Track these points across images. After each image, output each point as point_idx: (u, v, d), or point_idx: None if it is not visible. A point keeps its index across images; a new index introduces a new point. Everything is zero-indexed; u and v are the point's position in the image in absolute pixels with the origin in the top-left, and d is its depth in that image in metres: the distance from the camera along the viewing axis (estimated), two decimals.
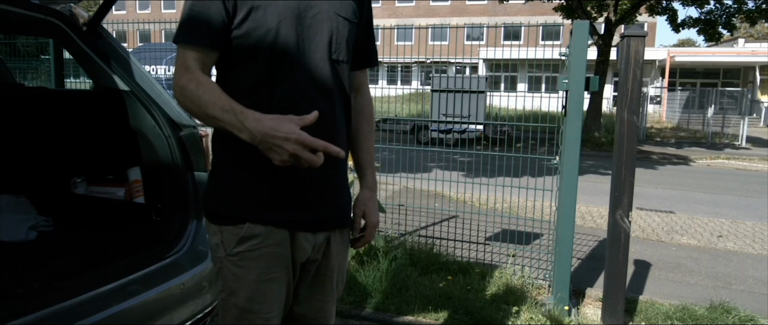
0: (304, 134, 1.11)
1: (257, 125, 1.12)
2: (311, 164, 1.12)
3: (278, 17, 1.25)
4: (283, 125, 1.11)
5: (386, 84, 10.35)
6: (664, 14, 17.61)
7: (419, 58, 21.89)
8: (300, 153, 1.10)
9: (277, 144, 1.10)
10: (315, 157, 1.11)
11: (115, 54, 2.00)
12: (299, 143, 1.10)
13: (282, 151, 1.11)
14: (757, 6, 16.10)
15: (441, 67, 25.15)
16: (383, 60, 17.12)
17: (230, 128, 1.16)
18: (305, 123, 1.13)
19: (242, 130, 1.13)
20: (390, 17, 36.00)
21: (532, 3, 19.09)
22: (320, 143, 1.12)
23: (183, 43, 1.24)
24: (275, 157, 1.12)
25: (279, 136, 1.10)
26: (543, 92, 4.11)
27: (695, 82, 26.42)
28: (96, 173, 2.39)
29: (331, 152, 1.14)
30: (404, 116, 5.49)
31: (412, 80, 20.45)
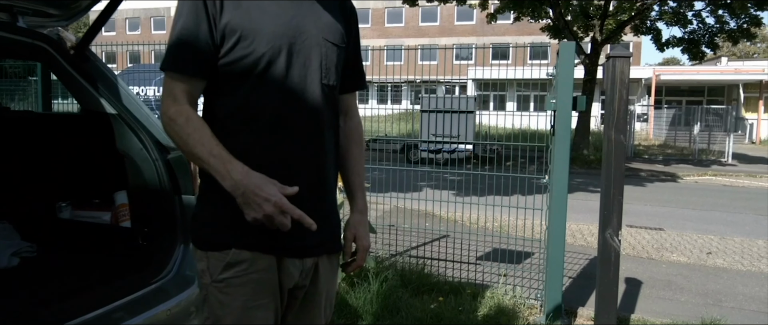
0: (284, 200, 1.15)
1: (243, 179, 1.15)
2: (280, 228, 1.16)
3: (267, 45, 1.25)
4: (267, 186, 1.15)
5: (376, 104, 10.37)
6: (648, 34, 17.94)
7: (409, 78, 22.07)
8: (275, 216, 1.15)
9: (257, 203, 1.14)
10: (286, 222, 1.16)
11: (102, 77, 1.99)
12: (278, 207, 1.14)
13: (258, 210, 1.15)
14: (738, 26, 16.47)
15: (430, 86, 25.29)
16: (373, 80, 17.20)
17: (213, 173, 1.18)
18: (288, 193, 1.17)
19: (226, 178, 1.16)
20: (380, 37, 36.34)
21: (519, 23, 19.36)
22: (296, 212, 1.17)
23: (170, 72, 1.24)
24: (249, 213, 1.16)
25: (261, 195, 1.14)
26: (532, 111, 4.14)
27: (681, 100, 26.81)
28: (82, 197, 2.36)
29: (305, 224, 1.19)
30: (394, 135, 5.51)
31: (402, 100, 20.56)
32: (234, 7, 1.25)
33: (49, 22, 1.95)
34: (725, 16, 16.56)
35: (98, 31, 1.96)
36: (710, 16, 16.93)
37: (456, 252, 4.42)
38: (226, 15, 1.24)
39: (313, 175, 1.33)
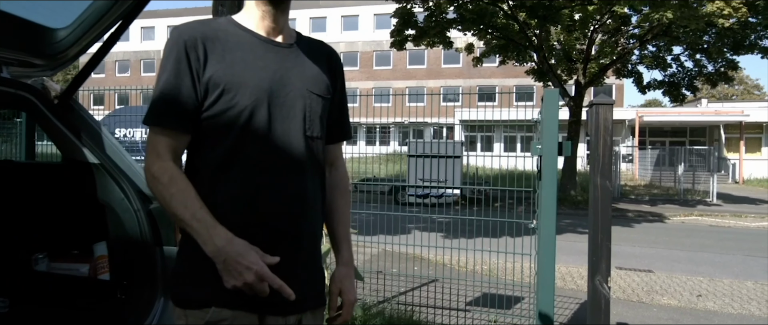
0: (265, 269, 1.14)
1: (226, 246, 1.14)
2: (259, 294, 1.16)
3: (250, 98, 1.25)
4: (250, 254, 1.14)
5: (365, 145, 10.43)
6: (630, 77, 18.42)
7: (396, 119, 22.29)
8: (255, 285, 1.14)
9: (238, 271, 1.13)
10: (265, 289, 1.15)
11: (85, 126, 1.97)
12: (258, 276, 1.13)
13: (239, 278, 1.14)
14: (715, 69, 16.98)
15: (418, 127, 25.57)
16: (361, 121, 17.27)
17: (196, 237, 1.17)
18: (269, 262, 1.16)
19: (208, 243, 1.15)
20: (368, 80, 36.89)
21: (505, 66, 19.79)
22: (277, 282, 1.16)
23: (154, 126, 1.24)
24: (229, 281, 1.15)
25: (243, 263, 1.13)
26: (518, 152, 4.17)
27: (664, 141, 27.30)
28: (60, 249, 2.29)
29: (284, 293, 1.18)
30: (382, 177, 5.49)
31: (390, 141, 20.70)
32: (218, 61, 1.25)
33: (33, 72, 1.94)
34: (703, 61, 17.10)
35: (83, 81, 1.96)
36: (689, 60, 17.47)
37: (445, 297, 4.34)
38: (209, 69, 1.24)
39: (296, 228, 1.31)
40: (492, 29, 15.69)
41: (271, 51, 1.31)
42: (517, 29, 15.40)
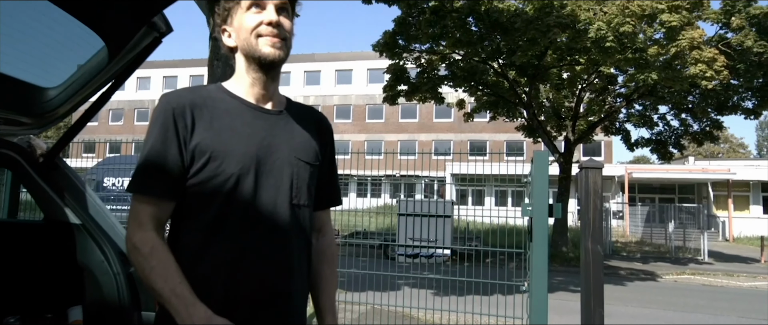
0: None
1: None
2: None
3: (237, 165, 1.23)
4: None
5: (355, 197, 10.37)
6: (618, 134, 18.74)
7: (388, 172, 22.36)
8: None
9: None
10: None
11: (69, 186, 1.94)
12: None
13: None
14: (701, 128, 17.35)
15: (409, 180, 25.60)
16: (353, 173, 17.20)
17: (173, 313, 1.13)
18: None
19: (185, 320, 1.11)
20: (360, 133, 37.25)
21: (496, 122, 20.10)
22: None
23: (137, 194, 1.21)
24: None
25: None
26: (509, 206, 4.15)
27: (653, 197, 27.47)
28: (33, 312, 2.20)
29: None
30: (373, 231, 5.42)
31: (381, 194, 20.62)
32: (205, 128, 1.24)
33: (20, 130, 1.93)
34: (688, 120, 17.50)
35: (70, 140, 1.94)
36: (675, 119, 17.88)
37: None
38: (196, 136, 1.23)
39: (280, 299, 1.27)
40: (482, 86, 16.05)
41: (259, 118, 1.31)
42: (507, 87, 15.75)
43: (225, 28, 1.32)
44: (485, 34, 13.43)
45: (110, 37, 1.76)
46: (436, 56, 15.07)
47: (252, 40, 1.27)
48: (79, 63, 1.90)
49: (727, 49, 13.40)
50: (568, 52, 13.57)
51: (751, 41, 12.94)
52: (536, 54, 13.27)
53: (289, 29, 1.29)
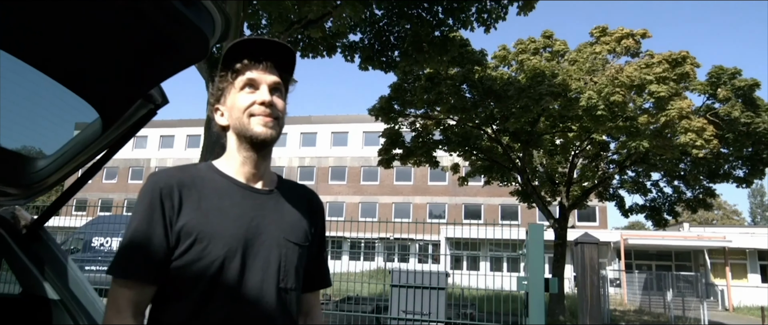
0: None
1: None
2: None
3: (223, 248, 1.20)
4: None
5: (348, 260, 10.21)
6: (612, 200, 18.78)
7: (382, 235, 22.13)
8: None
9: None
10: None
11: (51, 259, 1.88)
12: None
13: None
14: (694, 196, 17.44)
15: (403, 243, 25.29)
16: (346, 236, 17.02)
17: None
18: None
19: None
20: (355, 194, 37.21)
21: (490, 186, 20.17)
22: None
23: (117, 278, 1.16)
24: None
25: None
26: (505, 271, 4.06)
27: (650, 265, 27.18)
28: None
29: None
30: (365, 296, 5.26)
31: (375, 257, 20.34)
32: (192, 209, 1.22)
33: (6, 201, 1.89)
34: (681, 187, 17.62)
35: (55, 211, 1.90)
36: (667, 186, 18.00)
37: None
38: (183, 217, 1.20)
39: None
40: (477, 151, 16.21)
41: (249, 198, 1.29)
42: (501, 152, 15.92)
43: (218, 107, 1.33)
44: (479, 100, 13.72)
45: (105, 108, 1.76)
46: (430, 121, 15.32)
47: (244, 119, 1.27)
48: (71, 134, 1.90)
49: (716, 119, 13.71)
50: (560, 119, 13.83)
51: (738, 112, 13.27)
52: (529, 121, 13.52)
53: (281, 109, 1.30)
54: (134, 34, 1.45)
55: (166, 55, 1.53)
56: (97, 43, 1.44)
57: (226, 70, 1.30)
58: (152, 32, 1.40)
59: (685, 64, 13.10)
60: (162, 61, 1.57)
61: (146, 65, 1.58)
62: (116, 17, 1.35)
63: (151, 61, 1.56)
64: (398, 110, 14.88)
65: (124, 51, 1.52)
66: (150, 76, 1.64)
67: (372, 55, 10.50)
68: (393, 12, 10.08)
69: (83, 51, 1.46)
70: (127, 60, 1.57)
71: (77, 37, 1.36)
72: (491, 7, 9.57)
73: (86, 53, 1.48)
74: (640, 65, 12.98)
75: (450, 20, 9.87)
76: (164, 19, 1.33)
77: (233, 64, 1.29)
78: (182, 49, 1.46)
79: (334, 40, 10.39)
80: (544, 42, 14.99)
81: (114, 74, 1.62)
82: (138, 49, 1.53)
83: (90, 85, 1.65)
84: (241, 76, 1.27)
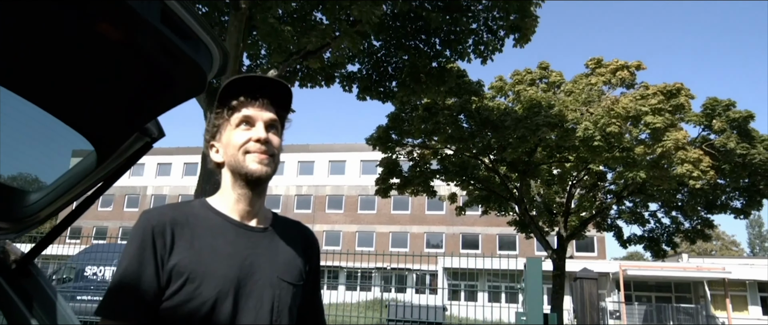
0: None
1: None
2: None
3: (215, 289, 1.17)
4: None
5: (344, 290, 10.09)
6: (610, 231, 18.71)
7: (378, 265, 21.91)
8: None
9: None
10: None
11: (40, 295, 1.83)
12: None
13: None
14: (692, 226, 17.39)
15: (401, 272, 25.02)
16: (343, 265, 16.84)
17: None
18: None
19: None
20: (352, 223, 37.01)
21: (488, 216, 20.09)
22: None
23: (106, 318, 1.13)
24: None
25: None
26: (503, 302, 3.99)
27: (650, 296, 26.91)
28: None
29: None
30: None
31: (371, 287, 20.07)
32: (185, 248, 1.19)
33: None
34: (679, 218, 17.58)
35: (46, 246, 1.86)
36: (665, 216, 17.96)
37: None
38: (175, 256, 1.18)
39: None
40: (474, 181, 16.21)
41: (242, 236, 1.27)
42: (499, 182, 15.92)
43: (213, 143, 1.32)
44: (476, 130, 13.79)
45: (100, 142, 1.75)
46: (428, 151, 15.36)
47: (239, 156, 1.25)
48: (65, 167, 1.88)
49: (712, 150, 13.78)
50: (557, 149, 13.88)
51: (733, 143, 13.35)
52: (526, 151, 13.57)
53: (277, 146, 1.29)
54: (130, 68, 1.45)
55: (163, 90, 1.52)
56: (92, 78, 1.44)
57: (222, 106, 1.29)
58: (149, 67, 1.40)
59: (679, 95, 13.24)
60: (159, 96, 1.56)
61: (143, 100, 1.58)
62: (112, 52, 1.35)
63: (148, 95, 1.55)
64: (396, 140, 14.93)
65: (120, 86, 1.52)
66: (146, 111, 1.63)
67: (370, 85, 10.59)
68: (391, 43, 10.21)
69: (78, 85, 1.46)
70: (124, 94, 1.56)
71: (72, 71, 1.36)
72: (488, 40, 9.70)
73: (81, 87, 1.48)
74: (635, 97, 13.11)
75: (447, 52, 9.99)
76: (161, 55, 1.33)
77: (229, 100, 1.28)
78: (179, 84, 1.46)
79: (332, 71, 10.49)
80: (540, 73, 15.16)
81: (110, 109, 1.61)
82: (134, 84, 1.53)
83: (85, 119, 1.64)
84: (237, 113, 1.27)
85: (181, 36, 1.29)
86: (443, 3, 9.49)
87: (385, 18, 9.39)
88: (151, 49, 1.28)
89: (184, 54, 1.30)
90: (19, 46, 1.26)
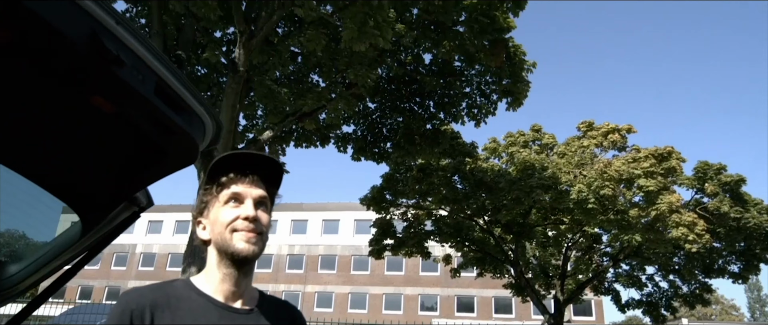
0: None
1: None
2: None
3: None
4: None
5: None
6: (608, 294, 18.37)
7: None
8: None
9: None
10: None
11: None
12: None
13: None
14: (690, 291, 17.12)
15: None
16: None
17: None
18: None
19: None
20: (345, 284, 36.22)
21: (483, 278, 19.74)
22: None
23: None
24: None
25: None
26: None
27: None
28: None
29: None
30: None
31: None
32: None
33: None
34: (677, 281, 17.34)
35: (26, 317, 1.78)
36: (663, 280, 17.71)
37: None
38: None
39: None
40: (469, 242, 16.05)
41: (226, 318, 1.21)
42: (494, 243, 15.77)
43: (200, 220, 1.28)
44: (470, 192, 13.79)
45: (87, 212, 1.71)
46: (422, 211, 15.29)
47: (226, 234, 1.22)
48: (48, 237, 1.83)
49: (706, 214, 13.79)
50: (551, 211, 13.86)
51: (727, 207, 13.39)
52: (521, 212, 13.53)
53: (266, 223, 1.26)
54: (122, 140, 1.43)
55: (154, 161, 1.50)
56: (82, 149, 1.42)
57: (212, 182, 1.27)
58: (140, 138, 1.39)
59: (671, 158, 13.39)
60: (149, 167, 1.54)
61: (133, 170, 1.55)
62: (104, 124, 1.33)
63: (138, 166, 1.53)
64: (390, 200, 14.88)
65: (111, 156, 1.50)
66: (136, 181, 1.60)
67: (365, 146, 10.66)
68: (386, 105, 10.38)
69: (67, 156, 1.43)
70: (114, 165, 1.54)
71: (61, 142, 1.34)
72: (481, 103, 9.89)
73: (70, 158, 1.46)
74: (627, 159, 13.24)
75: (441, 114, 10.15)
76: (153, 126, 1.32)
77: (219, 177, 1.26)
78: (171, 155, 1.44)
79: (327, 131, 10.59)
80: (533, 135, 15.37)
81: (99, 179, 1.58)
82: (125, 155, 1.50)
83: (73, 190, 1.60)
84: (226, 189, 1.24)
85: (175, 108, 1.28)
86: (437, 67, 9.74)
87: (380, 81, 9.59)
88: (143, 121, 1.26)
89: (176, 126, 1.29)
90: (6, 116, 1.25)
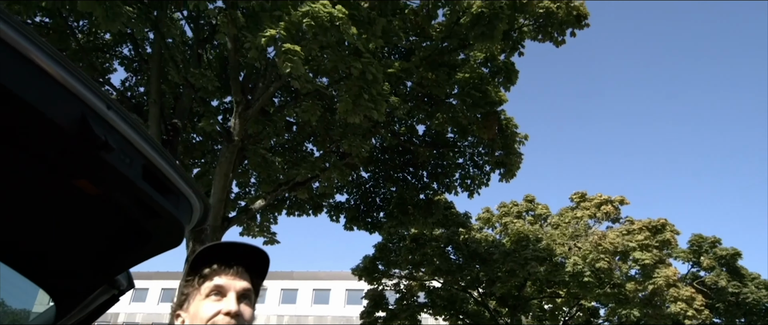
0: None
1: None
2: None
3: None
4: None
5: None
6: None
7: None
8: None
9: None
10: None
11: None
12: None
13: None
14: None
15: None
16: None
17: None
18: None
19: None
20: None
21: None
22: None
23: None
24: None
25: None
26: None
27: None
28: None
29: None
30: None
31: None
32: None
33: None
34: None
35: None
36: None
37: None
38: None
39: None
40: (463, 315, 15.60)
41: None
42: (489, 316, 15.33)
43: (179, 313, 1.19)
44: (464, 263, 13.58)
45: (62, 296, 1.61)
46: (415, 282, 14.97)
47: None
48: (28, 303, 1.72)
49: (703, 288, 13.58)
50: (547, 284, 13.60)
51: (724, 281, 13.22)
52: (516, 285, 13.27)
53: (249, 317, 1.17)
54: (105, 222, 1.37)
55: (138, 244, 1.43)
56: (62, 231, 1.35)
57: (194, 274, 1.19)
58: (125, 221, 1.33)
59: (665, 231, 13.34)
60: (132, 250, 1.47)
61: (115, 253, 1.48)
62: (87, 206, 1.28)
63: (121, 249, 1.46)
64: (382, 270, 14.59)
65: (93, 239, 1.43)
66: (117, 264, 1.52)
67: (357, 215, 10.57)
68: (379, 175, 10.39)
69: (45, 238, 1.36)
70: (95, 248, 1.47)
71: (39, 226, 1.27)
72: (474, 174, 9.92)
73: (48, 241, 1.38)
74: (621, 231, 13.18)
75: (435, 184, 10.15)
76: (139, 209, 1.26)
77: (202, 268, 1.18)
78: (156, 238, 1.37)
79: (320, 200, 10.51)
80: (526, 206, 15.35)
81: (78, 262, 1.50)
82: (107, 237, 1.44)
83: (49, 272, 1.52)
84: (209, 281, 1.16)
85: (162, 190, 1.23)
86: (431, 138, 9.85)
87: (374, 151, 9.65)
88: (128, 204, 1.21)
89: (162, 208, 1.23)
90: None
